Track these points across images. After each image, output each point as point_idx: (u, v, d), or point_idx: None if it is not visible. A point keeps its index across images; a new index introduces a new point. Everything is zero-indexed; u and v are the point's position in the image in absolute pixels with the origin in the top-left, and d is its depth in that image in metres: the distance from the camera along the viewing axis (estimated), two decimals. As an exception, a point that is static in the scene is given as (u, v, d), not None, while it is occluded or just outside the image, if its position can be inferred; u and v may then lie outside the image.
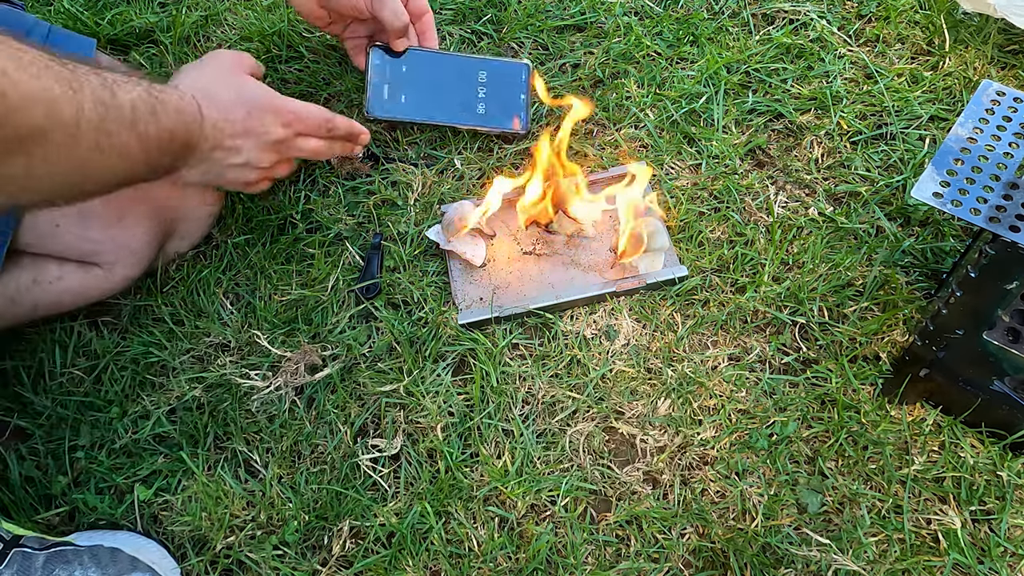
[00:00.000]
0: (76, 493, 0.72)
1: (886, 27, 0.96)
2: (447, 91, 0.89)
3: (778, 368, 0.74)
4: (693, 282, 0.78)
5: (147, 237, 0.78)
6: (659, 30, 0.99)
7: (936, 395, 0.68)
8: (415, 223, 0.85)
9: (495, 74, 0.90)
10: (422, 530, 0.68)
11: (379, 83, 0.88)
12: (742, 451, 0.69)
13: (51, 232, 0.74)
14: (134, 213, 0.76)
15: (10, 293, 0.75)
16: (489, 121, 0.88)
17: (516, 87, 0.89)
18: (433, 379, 0.75)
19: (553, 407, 0.73)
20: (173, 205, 0.79)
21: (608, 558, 0.66)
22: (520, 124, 0.88)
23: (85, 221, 0.75)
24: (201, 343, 0.80)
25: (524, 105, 0.88)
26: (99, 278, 0.78)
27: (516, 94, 0.89)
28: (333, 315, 0.80)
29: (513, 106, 0.89)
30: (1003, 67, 0.91)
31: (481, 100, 0.89)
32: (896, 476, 0.67)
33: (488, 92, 0.89)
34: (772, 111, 0.90)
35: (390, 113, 0.89)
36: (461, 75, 0.89)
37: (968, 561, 0.63)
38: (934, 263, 0.77)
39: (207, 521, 0.70)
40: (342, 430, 0.73)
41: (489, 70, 0.90)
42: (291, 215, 0.87)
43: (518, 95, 0.89)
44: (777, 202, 0.83)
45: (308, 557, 0.68)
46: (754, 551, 0.64)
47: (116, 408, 0.76)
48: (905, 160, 0.85)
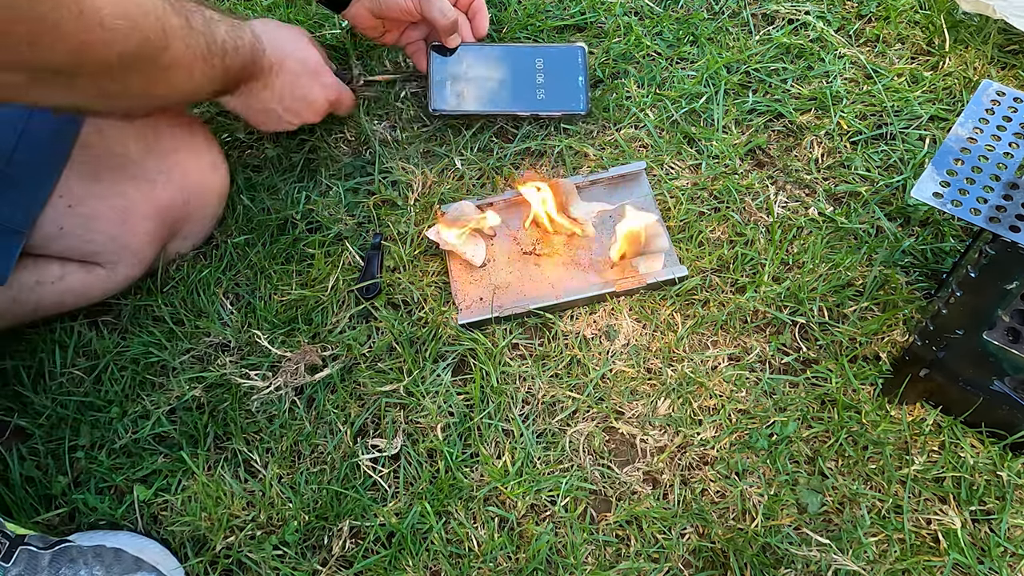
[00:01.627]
0: (76, 493, 0.72)
1: (886, 27, 0.96)
2: (507, 81, 0.91)
3: (778, 368, 0.74)
4: (693, 282, 0.78)
5: (149, 238, 0.78)
6: (659, 30, 0.99)
7: (936, 395, 0.68)
8: (415, 223, 0.85)
9: (552, 59, 0.92)
10: (422, 530, 0.68)
11: (441, 80, 0.91)
12: (742, 451, 0.69)
13: (55, 234, 0.74)
14: (137, 214, 0.76)
15: (12, 293, 0.75)
16: (550, 105, 0.90)
17: (573, 69, 0.91)
18: (433, 379, 0.75)
19: (553, 407, 0.73)
20: (177, 206, 0.80)
21: (608, 558, 0.66)
22: (581, 104, 0.90)
23: (88, 223, 0.75)
24: (201, 343, 0.80)
25: (583, 86, 0.91)
26: (101, 278, 0.78)
27: (574, 76, 0.91)
28: (333, 315, 0.80)
29: (572, 88, 0.91)
30: (1003, 67, 0.91)
31: (540, 86, 0.91)
32: (896, 476, 0.67)
33: (546, 77, 0.91)
34: (772, 111, 0.90)
35: (454, 108, 0.90)
36: (519, 64, 0.92)
37: (968, 561, 0.63)
38: (934, 263, 0.77)
39: (207, 521, 0.70)
40: (342, 430, 0.73)
41: (545, 56, 0.92)
42: (291, 215, 0.87)
43: (576, 77, 0.91)
44: (777, 202, 0.83)
45: (308, 557, 0.68)
46: (754, 551, 0.64)
47: (116, 408, 0.76)
48: (905, 160, 0.85)
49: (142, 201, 0.76)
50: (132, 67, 0.58)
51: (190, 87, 0.67)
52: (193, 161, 0.80)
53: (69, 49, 0.51)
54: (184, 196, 0.80)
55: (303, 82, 0.82)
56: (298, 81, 0.81)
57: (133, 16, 0.55)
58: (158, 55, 0.59)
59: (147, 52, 0.58)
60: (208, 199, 0.83)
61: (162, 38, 0.59)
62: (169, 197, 0.78)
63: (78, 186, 0.73)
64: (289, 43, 0.81)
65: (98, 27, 0.51)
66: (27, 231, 0.72)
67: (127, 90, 0.60)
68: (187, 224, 0.82)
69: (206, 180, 0.82)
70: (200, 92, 0.71)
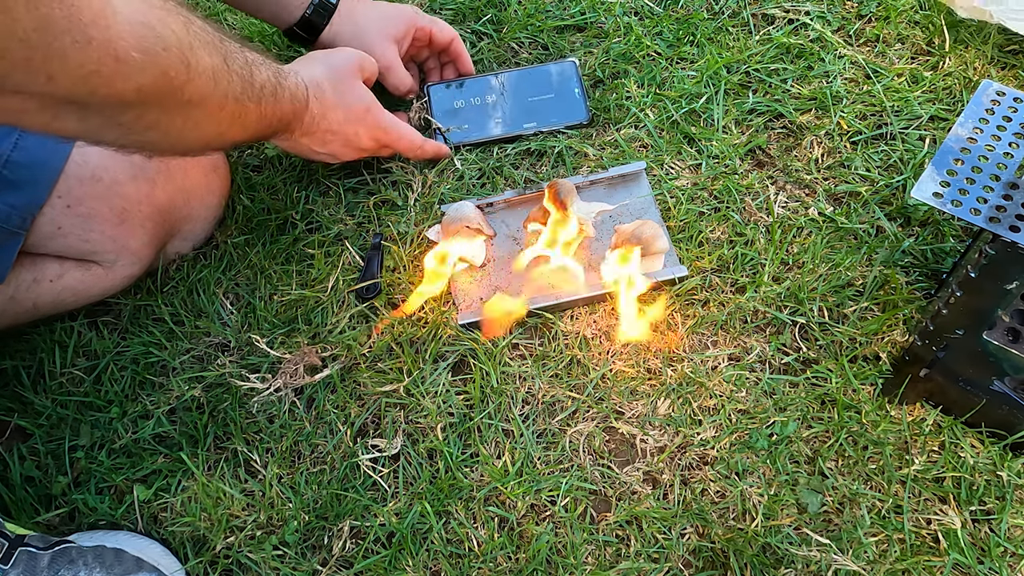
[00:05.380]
0: (76, 493, 0.72)
1: (886, 27, 0.96)
2: (507, 105, 0.94)
3: (778, 368, 0.74)
4: (693, 282, 0.78)
5: (147, 238, 0.78)
6: (659, 30, 0.99)
7: (936, 395, 0.68)
8: (415, 223, 0.85)
9: (547, 77, 0.95)
10: (422, 530, 0.68)
11: (443, 117, 0.93)
12: (742, 451, 0.69)
13: (53, 233, 0.74)
14: (136, 214, 0.76)
15: (10, 291, 0.75)
16: (553, 120, 0.93)
17: (569, 83, 0.94)
18: (433, 379, 0.75)
19: (553, 407, 0.73)
20: (177, 206, 0.79)
21: (608, 558, 0.66)
22: (583, 114, 0.92)
23: (87, 223, 0.75)
24: (201, 343, 0.80)
25: (581, 97, 0.93)
26: (100, 277, 0.78)
27: (571, 89, 0.94)
28: (333, 315, 0.80)
29: (571, 100, 0.93)
30: (1003, 67, 0.91)
31: (541, 104, 0.93)
32: (896, 476, 0.67)
33: (545, 95, 0.94)
34: (772, 111, 0.90)
35: (459, 140, 0.92)
36: (515, 88, 0.95)
37: (968, 561, 0.63)
38: (934, 263, 0.77)
39: (207, 521, 0.70)
40: (342, 430, 0.73)
41: (540, 75, 0.95)
42: (291, 215, 0.87)
43: (573, 90, 0.94)
44: (777, 202, 0.83)
45: (308, 557, 0.68)
46: (754, 551, 0.64)
47: (116, 408, 0.76)
48: (905, 160, 0.85)
49: (141, 202, 0.76)
50: (149, 102, 0.55)
51: (214, 128, 0.63)
52: (193, 161, 0.80)
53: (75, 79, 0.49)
54: (184, 196, 0.80)
55: (348, 130, 0.79)
56: (342, 130, 0.79)
57: (152, 50, 0.52)
58: (178, 90, 0.56)
59: (165, 87, 0.55)
60: (208, 199, 0.83)
61: (183, 72, 0.56)
62: (168, 197, 0.78)
63: (77, 187, 0.73)
64: (337, 88, 0.77)
65: (111, 59, 0.49)
66: (25, 232, 0.72)
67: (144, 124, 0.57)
68: (187, 224, 0.82)
69: (206, 180, 0.82)
70: (227, 135, 0.66)
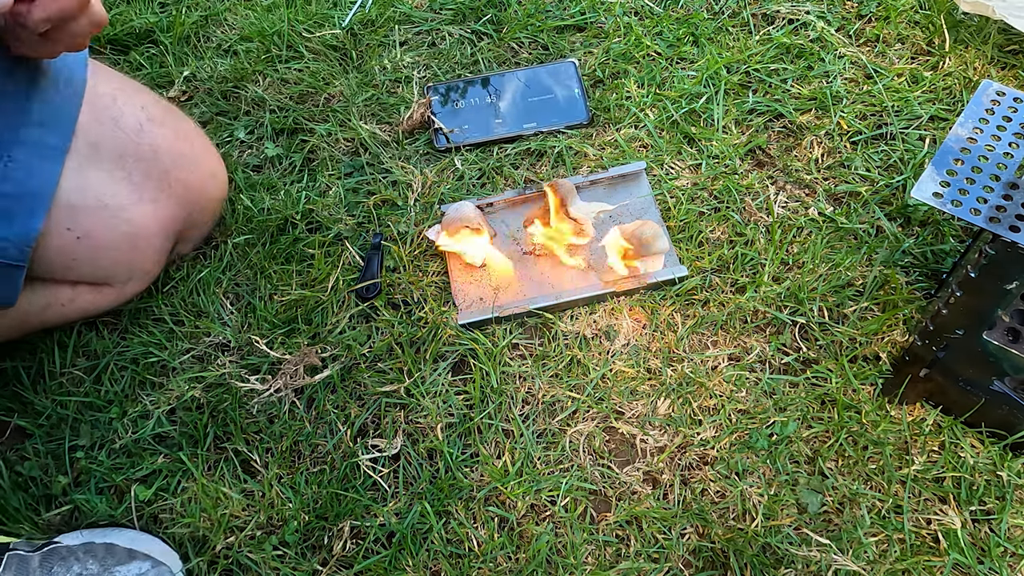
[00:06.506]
0: (76, 493, 0.72)
1: (886, 27, 0.96)
2: (507, 106, 0.94)
3: (778, 368, 0.74)
4: (693, 282, 0.78)
5: (158, 256, 0.79)
6: (659, 30, 0.99)
7: (936, 395, 0.68)
8: (415, 223, 0.85)
9: (546, 78, 0.95)
10: (422, 530, 0.68)
11: (443, 118, 0.93)
12: (742, 451, 0.69)
13: (67, 265, 0.75)
14: (145, 236, 0.77)
15: (21, 316, 0.75)
16: (553, 120, 0.93)
17: (569, 83, 0.95)
18: (433, 379, 0.75)
19: (553, 407, 0.73)
20: (180, 218, 0.79)
21: (608, 558, 0.66)
22: (583, 114, 0.93)
23: (99, 252, 0.75)
24: (201, 343, 0.80)
25: (581, 96, 0.93)
26: (110, 296, 0.79)
27: (571, 89, 0.94)
28: (333, 315, 0.80)
29: (571, 100, 0.94)
30: (1003, 67, 0.91)
31: (541, 104, 0.94)
32: (896, 476, 0.67)
33: (545, 95, 0.94)
34: (772, 111, 0.90)
35: (460, 141, 0.92)
36: (515, 89, 0.95)
37: (968, 561, 0.63)
38: (934, 263, 0.77)
39: (207, 521, 0.70)
40: (342, 430, 0.73)
41: (539, 76, 0.95)
42: (291, 215, 0.87)
43: (573, 90, 0.94)
44: (777, 202, 0.83)
45: (308, 557, 0.68)
46: (754, 551, 0.64)
47: (116, 408, 0.76)
48: (905, 160, 0.84)
49: (148, 223, 0.76)
50: None
51: None
52: (192, 175, 0.80)
53: None
54: (186, 210, 0.80)
55: None
56: None
57: None
58: None
59: None
60: (209, 206, 0.83)
61: None
62: (172, 213, 0.78)
63: (85, 218, 0.73)
64: None
65: None
66: (25, 264, 0.71)
67: None
68: (190, 230, 0.83)
69: (206, 189, 0.82)
70: None
